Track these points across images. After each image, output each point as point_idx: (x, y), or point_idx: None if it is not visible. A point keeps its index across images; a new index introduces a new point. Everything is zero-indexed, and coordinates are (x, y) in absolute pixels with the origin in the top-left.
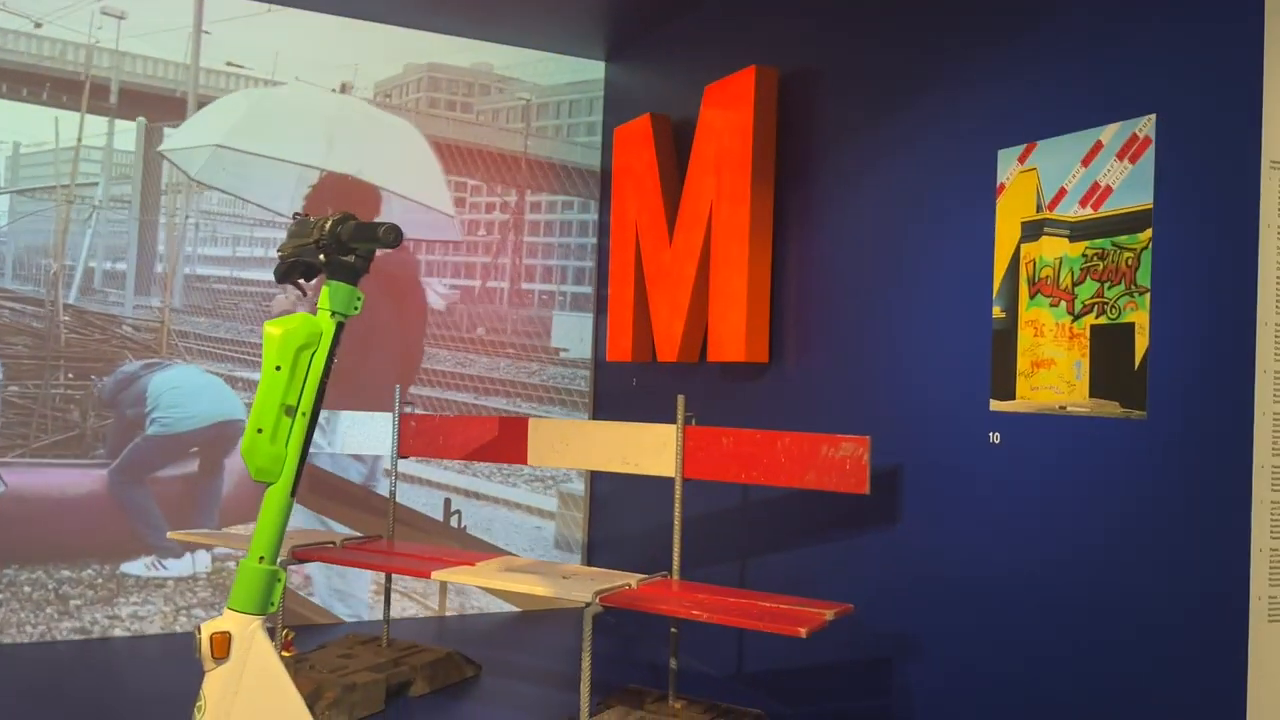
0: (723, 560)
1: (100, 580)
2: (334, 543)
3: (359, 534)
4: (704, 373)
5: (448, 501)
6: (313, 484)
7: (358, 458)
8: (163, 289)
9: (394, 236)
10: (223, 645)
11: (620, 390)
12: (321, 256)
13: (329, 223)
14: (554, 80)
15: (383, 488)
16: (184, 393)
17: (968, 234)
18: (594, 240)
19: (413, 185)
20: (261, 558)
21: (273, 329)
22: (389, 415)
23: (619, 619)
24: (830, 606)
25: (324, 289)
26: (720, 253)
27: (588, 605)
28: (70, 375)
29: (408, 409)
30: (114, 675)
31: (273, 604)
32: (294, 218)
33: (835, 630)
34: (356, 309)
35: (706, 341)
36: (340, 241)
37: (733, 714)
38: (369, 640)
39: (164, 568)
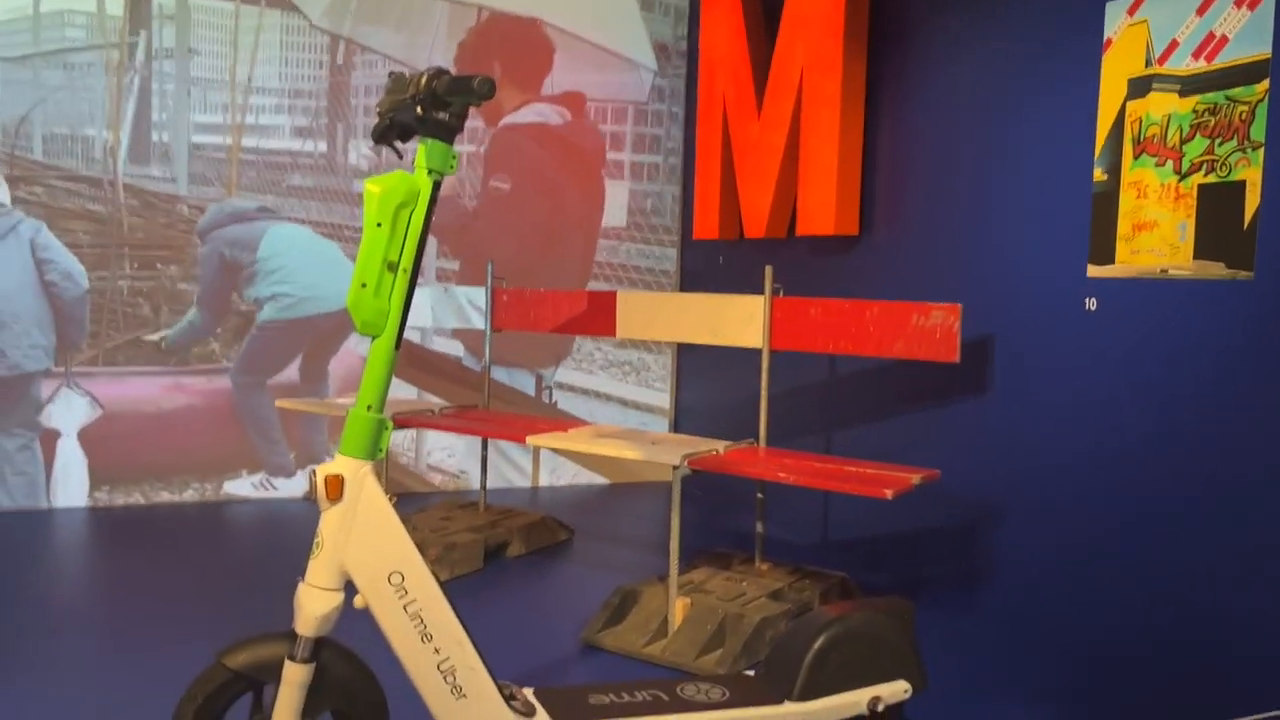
0: (808, 432)
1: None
2: (432, 411)
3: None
4: (792, 248)
5: (539, 377)
6: (409, 359)
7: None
8: (228, 164)
9: (488, 88)
10: (336, 487)
11: (706, 269)
12: (419, 110)
13: (425, 78)
14: None
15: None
16: (301, 261)
17: (1070, 95)
18: (678, 113)
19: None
20: (369, 406)
21: (373, 186)
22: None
23: (705, 491)
24: (916, 471)
25: (420, 147)
26: (810, 123)
27: (676, 467)
28: (135, 265)
29: (501, 283)
30: (237, 534)
31: (380, 450)
32: (390, 76)
33: (920, 497)
34: (452, 168)
35: (795, 215)
36: (437, 96)
37: (816, 576)
38: (467, 505)
39: (273, 487)
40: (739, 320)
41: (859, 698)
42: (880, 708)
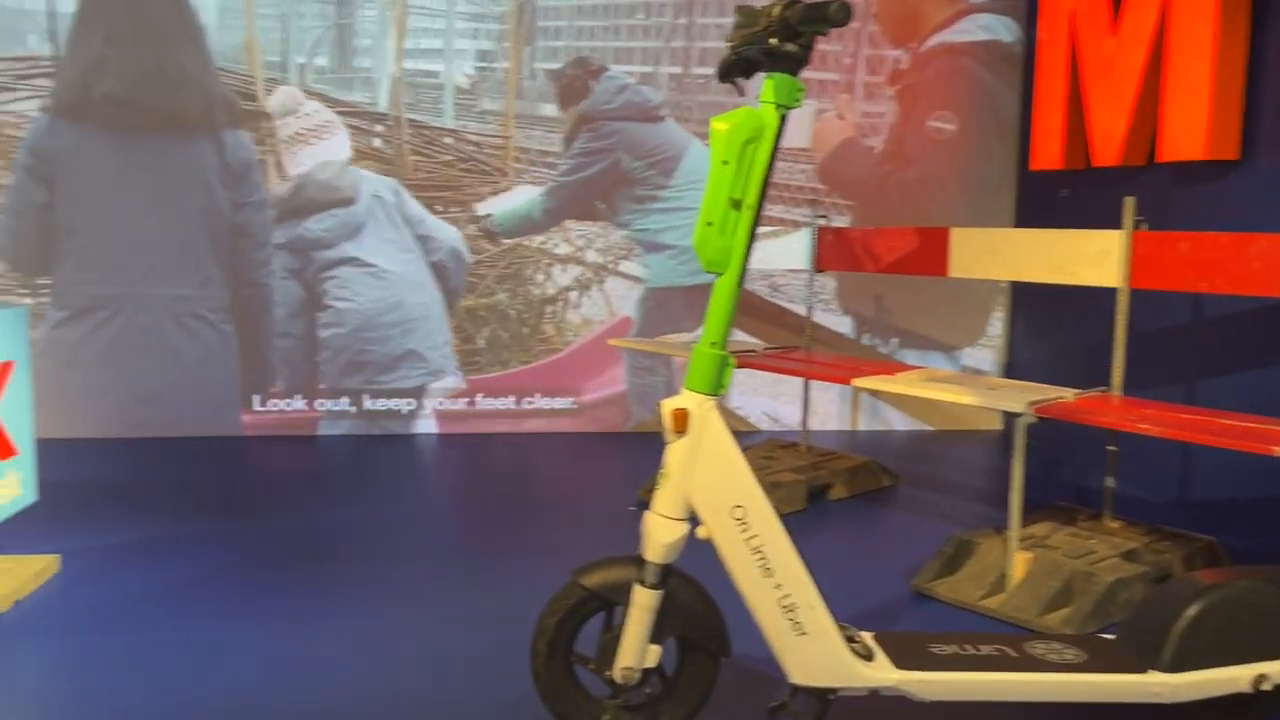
0: (1164, 382)
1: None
2: (755, 351)
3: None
4: (1151, 177)
5: (858, 322)
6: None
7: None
8: (504, 93)
9: (845, 14)
10: (681, 420)
11: (1044, 204)
12: (773, 41)
13: (778, 7)
14: None
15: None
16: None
17: None
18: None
19: None
20: (713, 343)
21: (719, 124)
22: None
23: (1039, 442)
24: None
25: (766, 82)
26: (1179, 35)
27: (1020, 415)
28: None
29: (824, 220)
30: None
31: (723, 386)
32: (738, 10)
33: None
34: (798, 100)
35: (1155, 140)
36: (790, 27)
37: (1178, 539)
38: (789, 446)
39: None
40: (1091, 257)
41: (1240, 674)
42: (1267, 687)
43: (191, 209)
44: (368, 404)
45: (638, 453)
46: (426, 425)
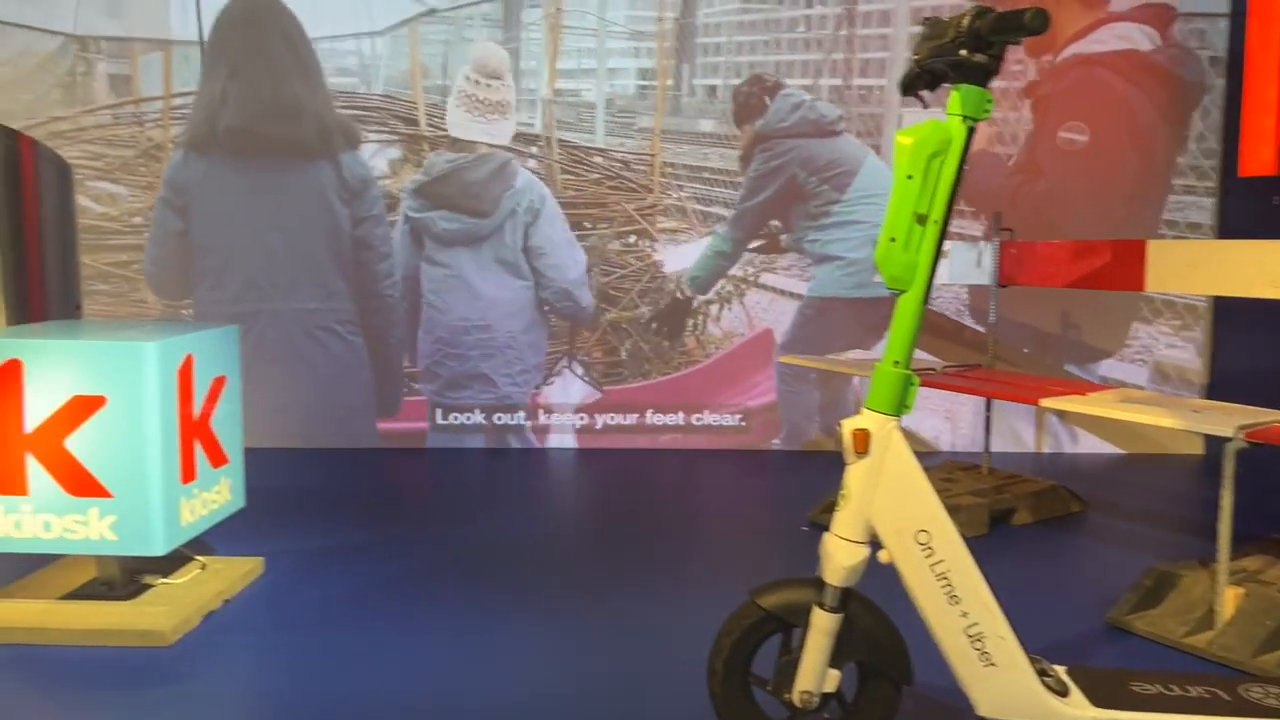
0: None
1: None
2: (933, 369)
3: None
4: None
5: (1041, 339)
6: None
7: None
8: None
9: (1042, 21)
10: (863, 440)
11: (1255, 212)
12: (962, 52)
13: (967, 18)
14: None
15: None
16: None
17: None
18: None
19: None
20: (896, 362)
21: (904, 138)
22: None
23: (1245, 469)
24: None
25: (953, 93)
26: None
27: (1229, 440)
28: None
29: (1007, 234)
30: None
31: (906, 406)
32: (923, 21)
33: None
34: (987, 112)
35: None
36: (979, 38)
37: None
38: (969, 468)
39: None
40: None
41: None
42: None
43: (313, 226)
44: (500, 419)
45: (796, 469)
46: (566, 439)
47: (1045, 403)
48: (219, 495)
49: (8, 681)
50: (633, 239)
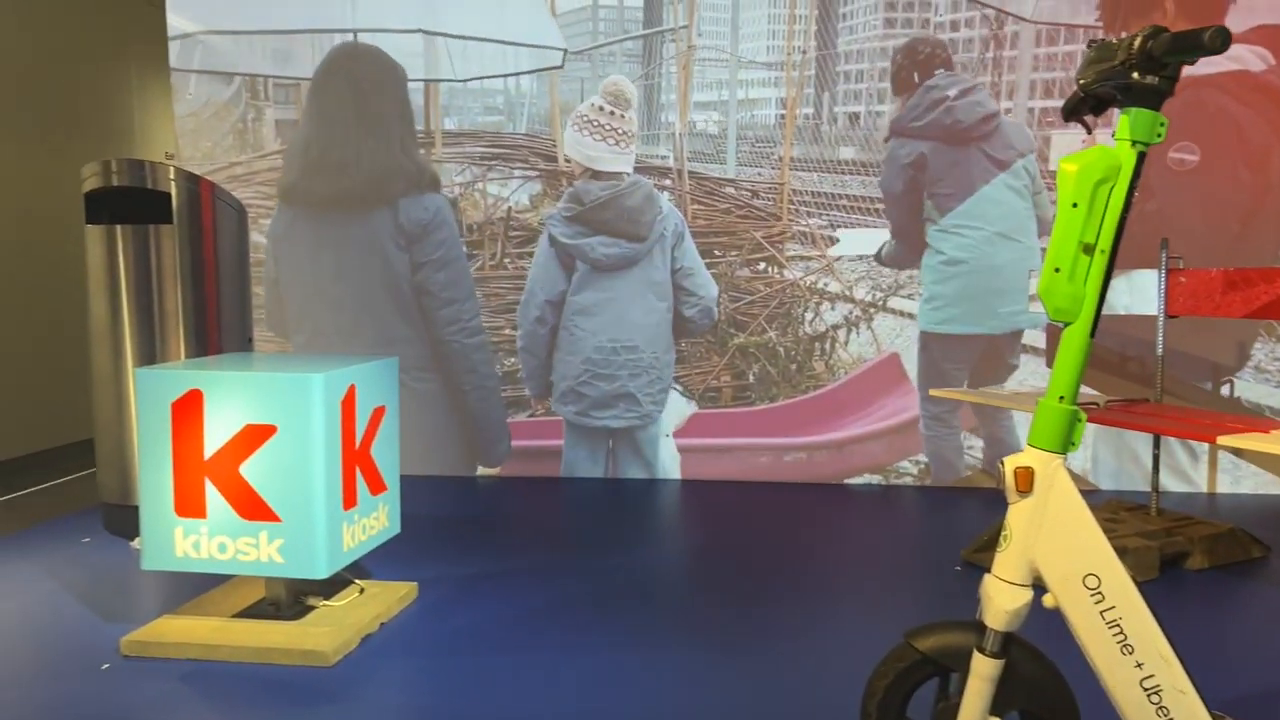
0: None
1: None
2: (1097, 404)
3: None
4: None
5: (1216, 368)
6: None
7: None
8: (781, 139)
9: (1222, 39)
10: (1026, 479)
11: None
12: (1134, 76)
13: (1139, 39)
14: None
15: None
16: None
17: None
18: None
19: None
20: (1061, 397)
21: (1068, 165)
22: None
23: None
24: None
25: (1121, 118)
26: None
27: None
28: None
29: (1176, 262)
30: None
31: (1073, 443)
32: (1089, 45)
33: None
34: (1160, 136)
35: None
36: (1151, 59)
37: None
38: (1135, 508)
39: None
40: None
41: None
42: None
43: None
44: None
45: (941, 504)
46: (698, 465)
47: (1223, 440)
48: (377, 521)
49: (185, 696)
50: (761, 265)
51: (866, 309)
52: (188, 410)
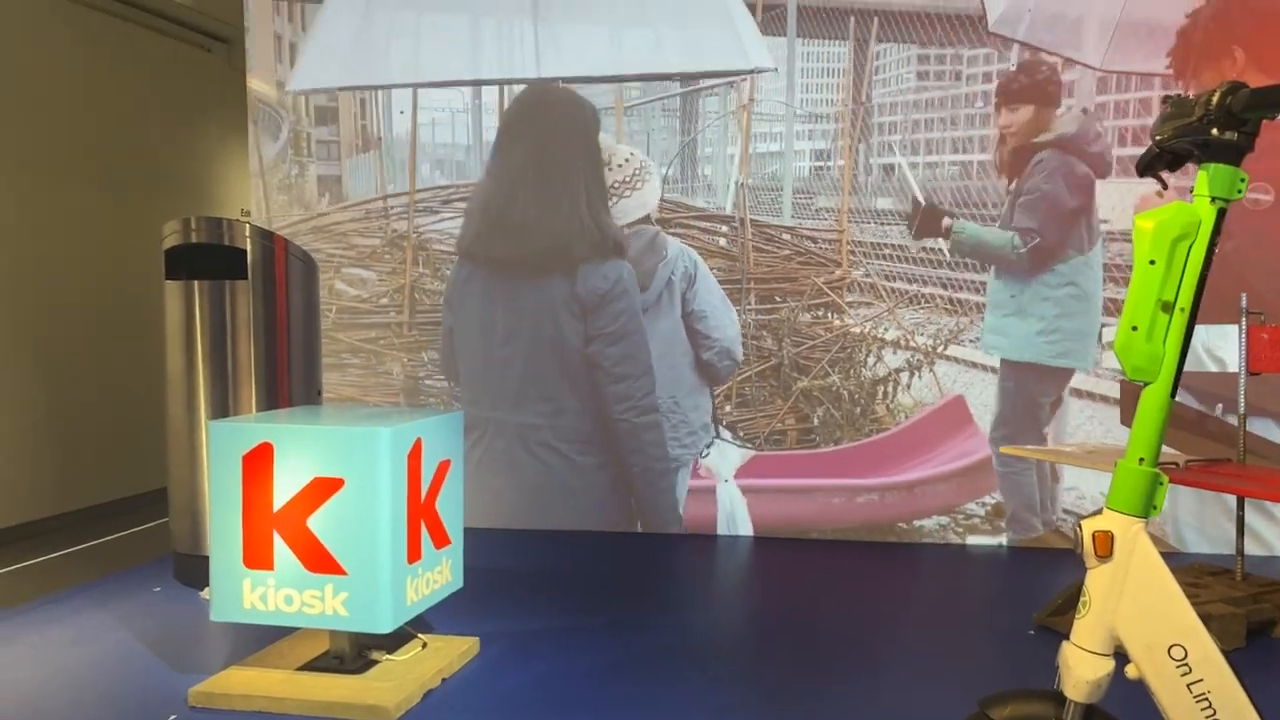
0: None
1: None
2: (1176, 464)
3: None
4: None
5: None
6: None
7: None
8: (839, 188)
9: None
10: (1105, 544)
11: None
12: (1214, 132)
13: (1217, 95)
14: None
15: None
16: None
17: None
18: None
19: None
20: (1141, 459)
21: (1144, 222)
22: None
23: None
24: None
25: (1200, 173)
26: None
27: None
28: (755, 299)
29: (1257, 319)
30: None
31: (1155, 507)
32: (1164, 101)
33: None
34: (1240, 192)
35: None
36: (1230, 115)
37: None
38: (1220, 572)
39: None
40: None
41: None
42: None
43: (543, 340)
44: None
45: (1011, 564)
46: (764, 513)
47: None
48: (440, 575)
49: None
50: (821, 311)
51: (928, 354)
52: (258, 462)
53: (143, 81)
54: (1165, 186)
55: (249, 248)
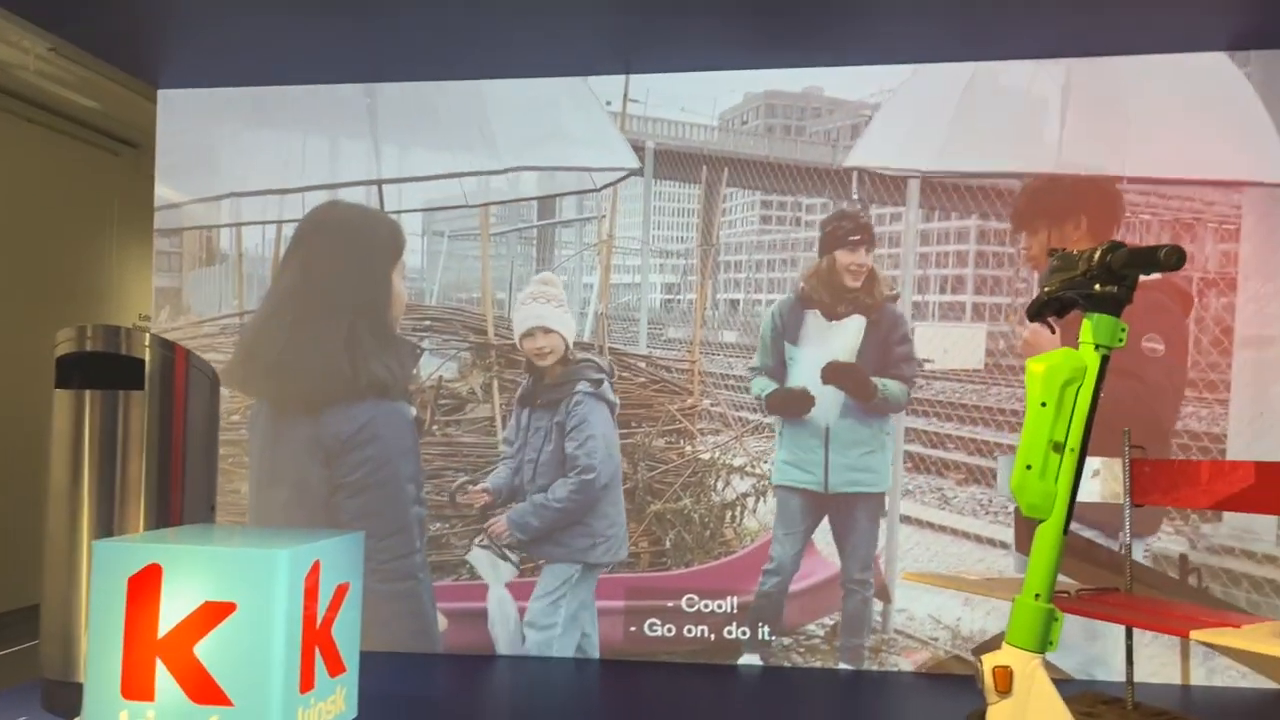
0: None
1: None
2: (1068, 592)
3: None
4: None
5: (1184, 558)
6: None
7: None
8: (691, 319)
9: (1176, 258)
10: (1005, 679)
11: None
12: (1096, 287)
13: (1099, 253)
14: None
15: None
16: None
17: None
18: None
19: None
20: (1037, 595)
21: (1035, 365)
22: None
23: None
24: None
25: (1085, 322)
26: None
27: None
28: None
29: (1138, 452)
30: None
31: (1051, 643)
32: (1050, 254)
33: None
34: (1121, 341)
35: None
36: (1110, 271)
37: None
38: (1111, 701)
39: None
40: None
41: None
42: None
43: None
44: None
45: (896, 690)
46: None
47: (1197, 635)
48: (334, 705)
49: None
50: (674, 437)
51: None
52: (145, 585)
53: (46, 183)
54: (1054, 331)
55: (147, 357)
